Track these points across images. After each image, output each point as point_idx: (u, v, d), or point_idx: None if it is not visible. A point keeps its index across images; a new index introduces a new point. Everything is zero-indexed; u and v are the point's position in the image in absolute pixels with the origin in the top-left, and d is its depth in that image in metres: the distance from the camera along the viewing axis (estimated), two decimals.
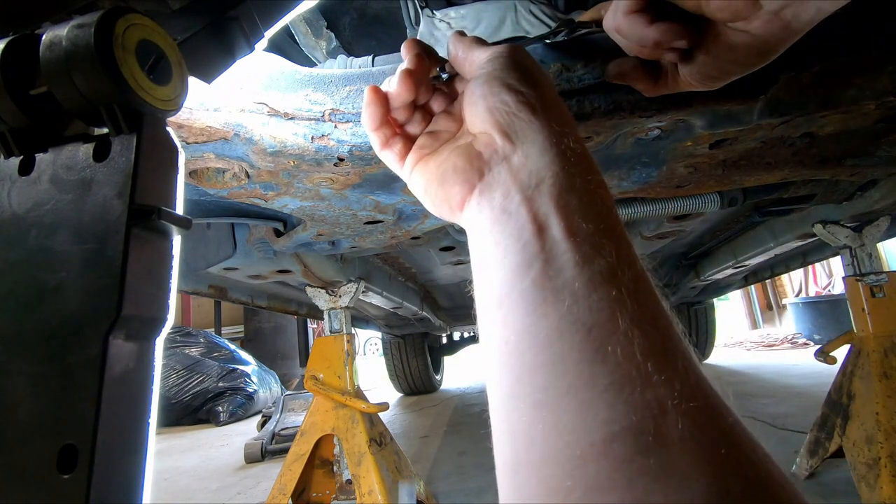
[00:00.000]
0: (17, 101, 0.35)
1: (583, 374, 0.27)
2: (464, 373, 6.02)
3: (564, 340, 0.28)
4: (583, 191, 0.33)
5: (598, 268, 0.29)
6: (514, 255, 0.32)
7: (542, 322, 0.29)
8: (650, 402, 0.25)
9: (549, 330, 0.29)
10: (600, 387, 0.26)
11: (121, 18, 0.35)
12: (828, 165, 0.93)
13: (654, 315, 0.29)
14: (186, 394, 4.30)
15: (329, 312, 1.58)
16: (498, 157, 0.36)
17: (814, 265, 6.99)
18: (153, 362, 0.35)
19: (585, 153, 0.35)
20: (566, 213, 0.32)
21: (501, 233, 0.33)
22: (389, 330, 3.64)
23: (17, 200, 0.36)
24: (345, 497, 1.52)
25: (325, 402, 1.49)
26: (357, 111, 0.68)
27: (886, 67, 0.62)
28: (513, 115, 0.36)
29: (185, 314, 8.00)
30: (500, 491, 0.29)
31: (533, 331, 0.29)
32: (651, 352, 0.27)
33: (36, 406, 0.31)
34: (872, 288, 1.43)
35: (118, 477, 0.31)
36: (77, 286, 0.33)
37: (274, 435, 2.76)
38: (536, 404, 0.28)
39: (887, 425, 1.27)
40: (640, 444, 0.24)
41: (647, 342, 0.27)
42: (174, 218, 0.35)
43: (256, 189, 0.87)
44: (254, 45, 0.48)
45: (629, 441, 0.24)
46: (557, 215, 0.32)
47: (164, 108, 0.37)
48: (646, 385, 0.25)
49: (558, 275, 0.30)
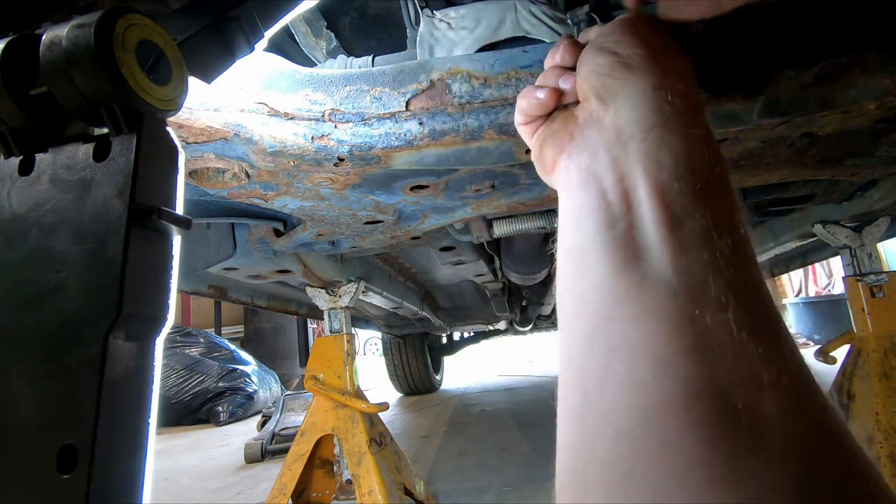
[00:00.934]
0: (17, 101, 0.35)
1: (662, 332, 0.26)
2: (464, 373, 6.02)
3: (644, 297, 0.27)
4: (679, 146, 0.31)
5: (690, 229, 0.28)
6: (597, 213, 0.31)
7: (622, 277, 0.28)
8: (742, 372, 0.24)
9: (630, 285, 0.28)
10: (681, 347, 0.25)
11: (121, 18, 0.35)
12: (828, 165, 0.93)
13: (754, 287, 0.28)
14: (186, 394, 4.30)
15: (329, 312, 1.58)
16: (591, 120, 0.36)
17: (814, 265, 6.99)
18: (153, 362, 0.35)
19: (689, 106, 0.33)
20: (655, 171, 0.30)
21: (586, 194, 0.33)
22: (389, 330, 3.64)
23: (17, 200, 0.36)
24: (345, 497, 1.52)
25: (325, 402, 1.49)
26: (356, 111, 0.68)
27: (886, 67, 0.62)
28: (606, 76, 0.35)
29: (185, 314, 8.00)
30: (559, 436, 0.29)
31: (611, 284, 0.29)
32: (747, 321, 0.25)
33: (36, 406, 0.31)
34: (872, 288, 1.43)
35: (118, 477, 0.31)
36: (77, 286, 0.33)
37: (274, 435, 2.76)
38: (611, 351, 0.27)
39: (887, 425, 1.27)
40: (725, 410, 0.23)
41: (743, 312, 0.26)
42: (174, 218, 0.35)
43: (256, 189, 0.87)
44: (254, 45, 0.48)
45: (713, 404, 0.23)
46: (645, 175, 0.30)
47: (164, 108, 0.37)
48: (739, 354, 0.24)
49: (643, 236, 0.29)
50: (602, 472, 0.25)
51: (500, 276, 2.01)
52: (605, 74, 0.35)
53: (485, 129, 0.69)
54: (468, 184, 0.91)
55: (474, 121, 0.68)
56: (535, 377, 5.05)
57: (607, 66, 0.36)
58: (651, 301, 0.27)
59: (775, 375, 0.24)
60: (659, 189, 0.30)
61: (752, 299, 0.27)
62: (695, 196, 0.29)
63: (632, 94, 0.34)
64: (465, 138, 0.70)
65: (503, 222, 1.24)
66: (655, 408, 0.24)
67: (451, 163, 0.75)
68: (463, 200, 1.01)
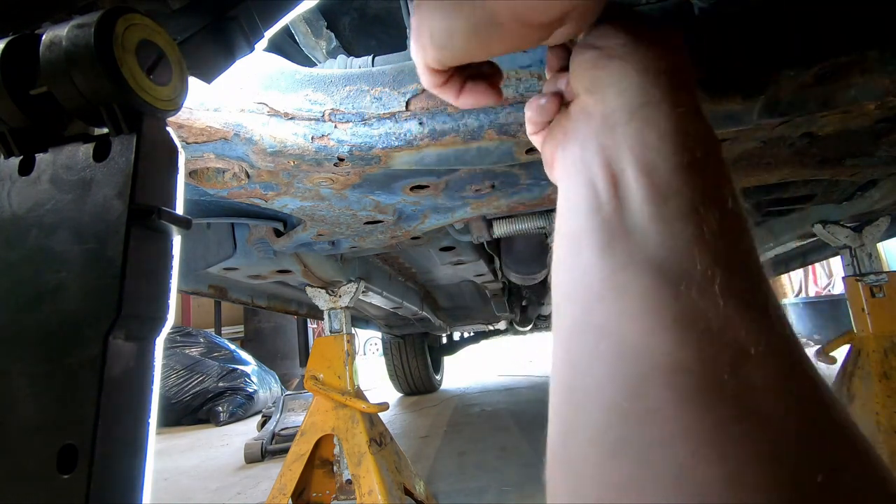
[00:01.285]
0: (17, 101, 0.35)
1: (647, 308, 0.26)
2: (464, 373, 6.02)
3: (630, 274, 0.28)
4: (664, 123, 0.31)
5: (676, 205, 0.28)
6: (587, 200, 0.32)
7: (609, 258, 0.29)
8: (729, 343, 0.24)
9: (616, 265, 0.28)
10: (668, 318, 0.25)
11: (121, 18, 0.35)
12: (828, 165, 0.93)
13: (743, 259, 0.28)
14: (186, 394, 4.30)
15: (329, 312, 1.58)
16: (581, 112, 0.36)
17: (813, 265, 6.99)
18: (153, 362, 0.35)
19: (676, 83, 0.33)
20: (641, 151, 0.31)
21: (577, 183, 0.33)
22: (389, 330, 3.64)
23: (17, 200, 0.36)
24: (345, 497, 1.52)
25: (325, 402, 1.49)
26: (356, 111, 0.68)
27: (886, 67, 0.62)
28: (592, 69, 0.36)
29: (185, 314, 8.00)
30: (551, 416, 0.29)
31: (600, 265, 0.29)
32: (734, 294, 0.26)
33: (36, 406, 0.31)
34: (872, 288, 1.43)
35: (118, 477, 0.31)
36: (77, 286, 0.33)
37: (274, 435, 2.76)
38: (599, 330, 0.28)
39: (887, 425, 1.27)
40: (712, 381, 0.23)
41: (730, 284, 0.26)
42: (174, 218, 0.35)
43: (256, 189, 0.87)
44: (254, 45, 0.48)
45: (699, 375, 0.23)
46: (631, 156, 0.31)
47: (164, 108, 0.37)
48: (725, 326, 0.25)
49: (630, 215, 0.29)
50: (590, 445, 0.26)
51: (500, 276, 2.01)
52: (591, 68, 0.36)
53: (485, 129, 0.69)
54: (468, 184, 0.92)
55: (474, 121, 0.68)
56: (535, 377, 5.05)
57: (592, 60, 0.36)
58: (636, 279, 0.28)
59: (763, 346, 0.24)
60: (645, 168, 0.30)
61: (740, 271, 0.27)
62: (682, 172, 0.29)
63: (616, 81, 0.34)
64: (465, 138, 0.70)
65: (503, 222, 1.24)
66: (640, 379, 0.25)
67: (451, 163, 0.75)
68: (463, 200, 1.01)
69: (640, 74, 0.33)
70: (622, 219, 0.30)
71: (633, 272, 0.28)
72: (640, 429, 0.24)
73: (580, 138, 0.35)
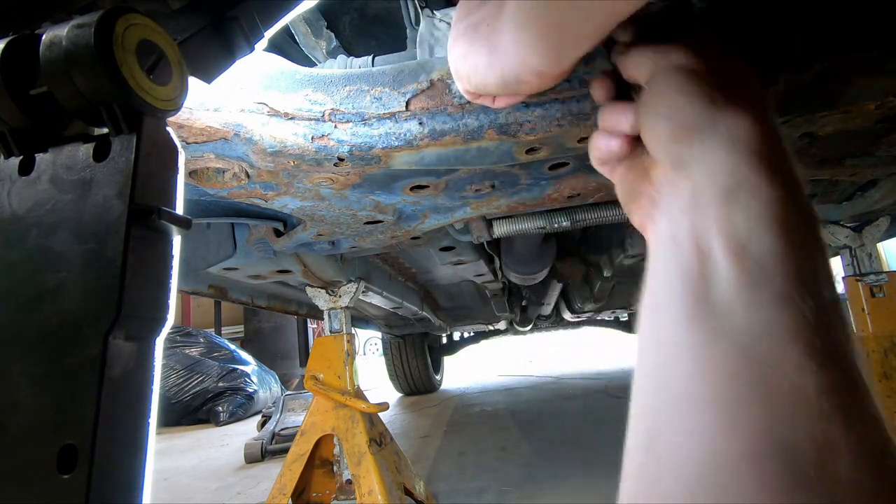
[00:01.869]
0: (17, 101, 0.35)
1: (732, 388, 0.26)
2: (464, 373, 6.01)
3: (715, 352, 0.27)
4: (761, 208, 0.30)
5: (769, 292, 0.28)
6: (676, 274, 0.32)
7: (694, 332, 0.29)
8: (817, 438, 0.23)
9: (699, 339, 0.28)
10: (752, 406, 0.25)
11: (121, 18, 0.34)
12: (828, 165, 0.93)
13: (838, 351, 0.27)
14: (186, 394, 4.30)
15: (329, 312, 1.58)
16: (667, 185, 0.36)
17: None
18: (153, 362, 0.35)
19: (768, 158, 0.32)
20: (731, 234, 0.30)
21: (667, 260, 0.33)
22: (389, 330, 3.64)
23: (17, 200, 0.36)
24: (345, 497, 1.52)
25: (325, 402, 1.49)
26: (356, 111, 0.68)
27: (886, 67, 0.62)
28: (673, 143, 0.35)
29: (185, 314, 8.00)
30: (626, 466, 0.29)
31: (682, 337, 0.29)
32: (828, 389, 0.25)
33: (36, 406, 0.31)
34: (872, 288, 1.43)
35: (118, 477, 0.31)
36: (77, 286, 0.33)
37: (274, 435, 2.76)
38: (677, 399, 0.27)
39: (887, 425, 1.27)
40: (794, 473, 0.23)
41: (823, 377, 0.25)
42: (174, 218, 0.35)
43: (256, 189, 0.87)
44: (254, 45, 0.48)
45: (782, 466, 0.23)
46: (721, 238, 0.30)
47: (164, 108, 0.37)
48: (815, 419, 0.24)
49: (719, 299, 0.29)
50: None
51: (500, 276, 2.01)
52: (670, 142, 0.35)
53: (485, 129, 0.69)
54: (468, 184, 0.91)
55: (474, 121, 0.68)
56: (535, 377, 5.05)
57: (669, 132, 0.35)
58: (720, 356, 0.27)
59: (853, 443, 0.24)
60: (735, 253, 0.29)
61: (835, 364, 0.26)
62: (774, 257, 0.29)
63: (701, 159, 0.33)
64: (465, 138, 0.70)
65: (503, 222, 1.24)
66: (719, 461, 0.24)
67: (451, 163, 0.75)
68: (463, 200, 1.01)
69: (729, 155, 0.32)
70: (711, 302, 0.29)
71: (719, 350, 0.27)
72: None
73: (670, 214, 0.35)
